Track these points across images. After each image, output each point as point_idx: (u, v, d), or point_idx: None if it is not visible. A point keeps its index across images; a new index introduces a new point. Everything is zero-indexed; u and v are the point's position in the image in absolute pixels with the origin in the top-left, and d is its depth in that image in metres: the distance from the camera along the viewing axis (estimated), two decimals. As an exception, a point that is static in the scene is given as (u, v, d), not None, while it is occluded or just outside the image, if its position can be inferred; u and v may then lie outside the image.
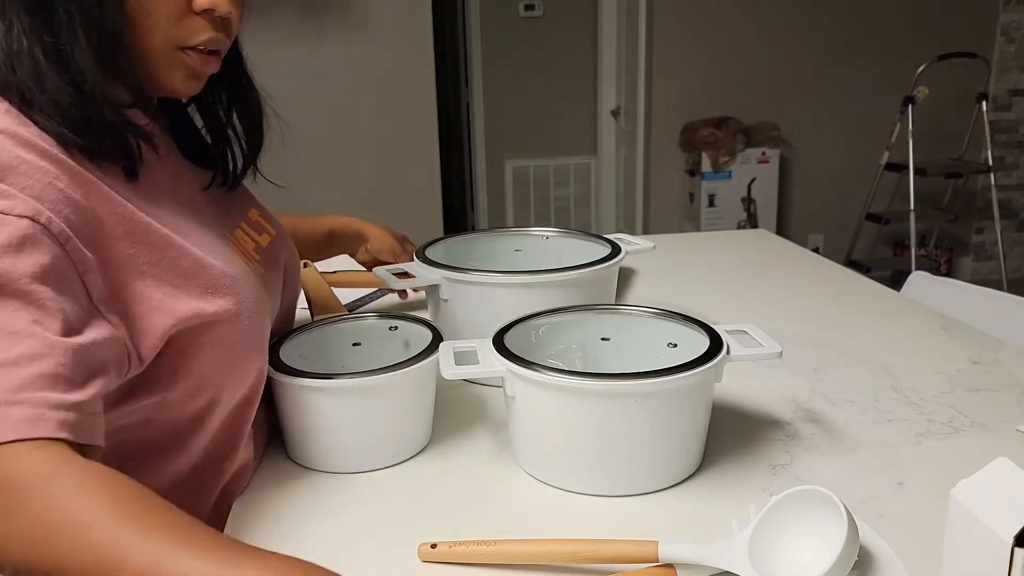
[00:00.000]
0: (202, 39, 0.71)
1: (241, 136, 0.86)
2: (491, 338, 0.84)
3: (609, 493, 0.79)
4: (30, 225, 0.59)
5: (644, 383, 0.75)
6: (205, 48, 0.72)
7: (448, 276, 1.04)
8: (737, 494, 0.79)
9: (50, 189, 0.62)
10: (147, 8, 0.68)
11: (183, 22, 0.70)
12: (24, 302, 0.56)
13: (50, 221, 0.60)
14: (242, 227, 0.87)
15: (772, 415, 0.95)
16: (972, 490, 0.55)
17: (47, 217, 0.60)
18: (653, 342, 0.91)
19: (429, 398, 0.89)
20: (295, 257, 0.97)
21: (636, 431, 0.77)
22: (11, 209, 0.58)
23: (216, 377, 0.73)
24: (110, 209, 0.66)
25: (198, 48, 0.72)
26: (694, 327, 0.87)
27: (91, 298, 0.62)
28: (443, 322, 1.06)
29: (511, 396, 0.80)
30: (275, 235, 0.92)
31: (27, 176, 0.61)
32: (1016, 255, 4.32)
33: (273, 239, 0.91)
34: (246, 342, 0.75)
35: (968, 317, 1.27)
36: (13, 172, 0.61)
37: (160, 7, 0.68)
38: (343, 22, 3.42)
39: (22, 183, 0.61)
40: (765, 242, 1.78)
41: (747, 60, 3.86)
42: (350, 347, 0.97)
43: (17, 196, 0.59)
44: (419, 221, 3.62)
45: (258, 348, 0.78)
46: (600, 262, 1.07)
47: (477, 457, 0.87)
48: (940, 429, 0.91)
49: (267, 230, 0.91)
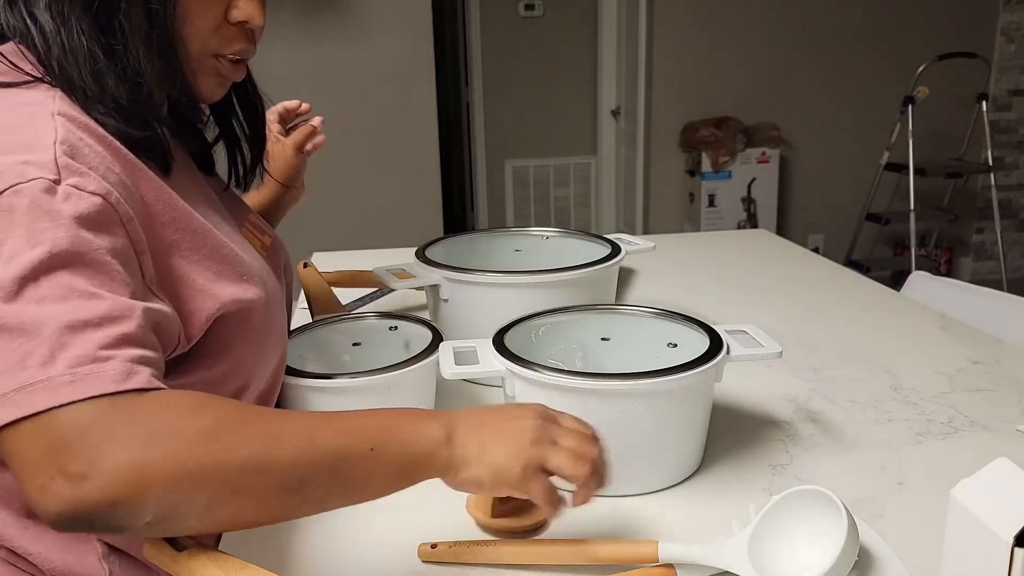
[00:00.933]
0: (236, 48, 0.76)
1: (248, 138, 0.90)
2: (491, 338, 0.84)
3: (610, 493, 0.79)
4: (102, 203, 0.61)
5: (645, 383, 0.75)
6: (236, 57, 0.77)
7: (448, 276, 1.04)
8: (737, 494, 0.79)
9: (110, 173, 0.64)
10: (189, 17, 0.71)
11: (219, 31, 0.74)
12: (98, 271, 0.58)
13: (118, 202, 0.62)
14: (247, 227, 0.90)
15: (772, 415, 0.95)
16: (972, 490, 0.55)
17: (116, 197, 0.62)
18: (653, 342, 0.91)
19: (429, 398, 0.89)
20: (289, 259, 1.00)
21: (637, 431, 0.77)
22: (85, 186, 0.60)
23: (248, 362, 0.76)
24: (157, 196, 0.69)
25: (229, 56, 0.76)
26: (694, 327, 0.87)
27: (144, 277, 0.65)
28: (443, 322, 1.06)
29: (511, 396, 0.81)
30: (274, 239, 0.95)
31: (91, 158, 0.63)
32: (1016, 255, 4.32)
33: (273, 240, 0.94)
34: (272, 330, 0.79)
35: (968, 317, 1.27)
36: (80, 153, 0.63)
37: (200, 17, 0.72)
38: (343, 22, 3.42)
39: (89, 163, 0.63)
40: (765, 242, 1.78)
41: (747, 60, 3.86)
42: (350, 347, 0.97)
43: (89, 174, 0.61)
44: (419, 221, 3.62)
45: (280, 337, 0.82)
46: (600, 262, 1.07)
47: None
48: (940, 429, 0.91)
49: (267, 232, 0.94)
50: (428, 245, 1.16)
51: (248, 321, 0.74)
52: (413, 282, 1.06)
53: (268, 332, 0.78)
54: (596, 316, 0.95)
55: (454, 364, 0.81)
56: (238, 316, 0.73)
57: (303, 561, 0.71)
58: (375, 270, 1.10)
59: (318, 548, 0.72)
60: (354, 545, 0.73)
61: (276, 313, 0.80)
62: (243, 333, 0.74)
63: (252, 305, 0.74)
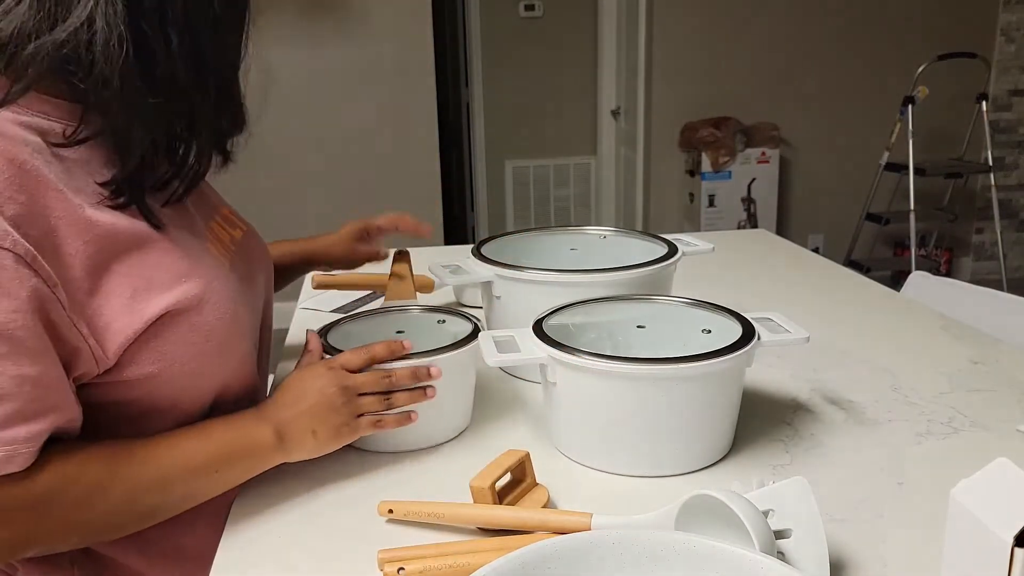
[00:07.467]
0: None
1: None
2: (531, 326, 0.86)
3: (647, 474, 0.82)
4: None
5: (689, 367, 0.77)
6: None
7: (500, 273, 1.04)
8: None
9: (10, 204, 0.62)
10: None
11: None
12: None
13: (15, 244, 0.61)
14: (216, 220, 0.88)
15: (772, 415, 0.95)
16: (972, 490, 0.55)
17: (12, 240, 0.61)
18: (686, 329, 0.93)
19: (469, 385, 0.91)
20: (267, 253, 0.98)
21: (677, 413, 0.80)
22: None
23: (192, 364, 0.74)
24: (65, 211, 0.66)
25: None
26: (725, 315, 0.90)
27: (66, 308, 0.64)
28: (495, 319, 1.07)
29: (552, 382, 0.82)
30: (247, 230, 0.94)
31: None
32: (1016, 255, 4.32)
33: (245, 234, 0.93)
34: (220, 330, 0.75)
35: (968, 317, 1.27)
36: None
37: None
38: (343, 22, 3.42)
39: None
40: (765, 242, 1.78)
41: (747, 60, 3.86)
42: (394, 335, 0.98)
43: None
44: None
45: (235, 336, 0.78)
46: (653, 263, 1.05)
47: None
48: (940, 429, 0.91)
49: (239, 226, 0.93)
50: (484, 242, 1.16)
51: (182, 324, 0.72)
52: (465, 278, 1.06)
53: (217, 328, 0.75)
54: (631, 305, 0.97)
55: (496, 352, 0.82)
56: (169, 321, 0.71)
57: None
58: (430, 266, 1.09)
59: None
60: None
61: (222, 310, 0.76)
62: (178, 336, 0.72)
63: (183, 306, 0.71)
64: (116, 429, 0.72)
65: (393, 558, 0.66)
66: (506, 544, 0.68)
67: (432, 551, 0.67)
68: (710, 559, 0.52)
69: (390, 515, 0.74)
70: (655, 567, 0.53)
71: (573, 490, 0.80)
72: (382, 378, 0.80)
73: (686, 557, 0.52)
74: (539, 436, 0.90)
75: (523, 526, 0.70)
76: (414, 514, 0.73)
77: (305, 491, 0.80)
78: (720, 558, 0.52)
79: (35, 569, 0.77)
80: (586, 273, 1.01)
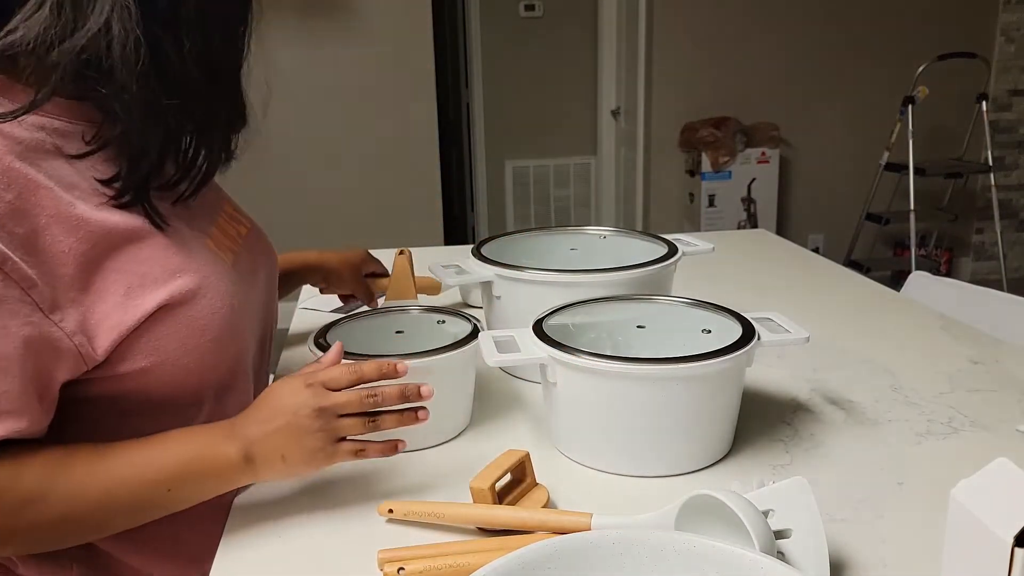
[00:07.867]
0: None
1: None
2: (531, 327, 0.86)
3: (647, 474, 0.82)
4: None
5: (687, 367, 0.77)
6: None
7: (500, 273, 1.04)
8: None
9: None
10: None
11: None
12: None
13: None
14: (223, 216, 0.88)
15: (772, 415, 0.95)
16: (972, 490, 0.55)
17: None
18: (686, 329, 0.93)
19: (468, 385, 0.91)
20: (270, 249, 0.97)
21: (677, 413, 0.80)
22: None
23: (187, 359, 0.73)
24: (55, 208, 0.66)
25: None
26: (725, 315, 0.90)
27: (41, 309, 0.64)
28: (495, 319, 1.07)
29: (552, 382, 0.82)
30: (251, 227, 0.94)
31: None
32: (1016, 255, 4.32)
33: (250, 230, 0.93)
34: (215, 325, 0.75)
35: (968, 317, 1.27)
36: None
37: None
38: (343, 22, 3.42)
39: None
40: (765, 242, 1.78)
41: (747, 60, 3.86)
42: (393, 335, 0.98)
43: None
44: (419, 221, 3.62)
45: (231, 332, 0.77)
46: (654, 263, 1.05)
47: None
48: (940, 429, 0.91)
49: (243, 222, 0.92)
50: (485, 242, 1.16)
51: (174, 319, 0.72)
52: (466, 278, 1.06)
53: (213, 323, 0.74)
54: (631, 305, 0.97)
55: (496, 352, 0.82)
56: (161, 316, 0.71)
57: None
58: (431, 266, 1.10)
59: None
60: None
61: (219, 306, 0.75)
62: (170, 331, 0.72)
63: (175, 300, 0.71)
64: (109, 424, 0.72)
65: (393, 558, 0.66)
66: (506, 544, 0.68)
67: (432, 551, 0.67)
68: (710, 559, 0.52)
69: (390, 515, 0.74)
70: (655, 567, 0.53)
71: (573, 490, 0.80)
72: (366, 397, 0.72)
73: (686, 557, 0.52)
74: (539, 436, 0.90)
75: (523, 526, 0.70)
76: (414, 514, 0.73)
77: (305, 491, 0.80)
78: (720, 558, 0.52)
79: (34, 566, 0.77)
80: (586, 273, 1.01)
